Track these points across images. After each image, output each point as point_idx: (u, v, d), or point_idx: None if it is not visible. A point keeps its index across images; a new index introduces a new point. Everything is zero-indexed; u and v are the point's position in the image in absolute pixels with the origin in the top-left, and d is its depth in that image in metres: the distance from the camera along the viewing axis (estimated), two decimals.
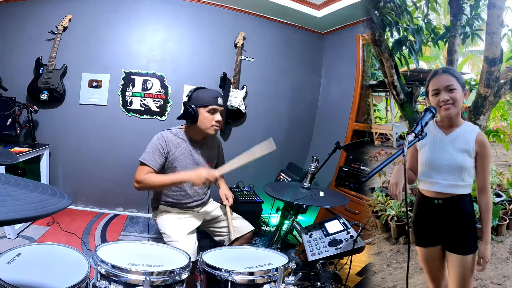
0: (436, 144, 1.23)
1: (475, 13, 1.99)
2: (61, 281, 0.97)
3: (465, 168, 1.18)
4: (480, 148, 1.18)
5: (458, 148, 1.19)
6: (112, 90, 2.97)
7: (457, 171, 1.18)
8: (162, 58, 3.07)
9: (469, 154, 1.18)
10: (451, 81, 1.17)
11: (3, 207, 0.61)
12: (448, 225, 1.22)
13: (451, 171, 1.19)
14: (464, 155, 1.18)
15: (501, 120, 2.17)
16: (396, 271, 1.83)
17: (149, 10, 3.00)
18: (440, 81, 1.19)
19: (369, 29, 2.17)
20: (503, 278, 1.56)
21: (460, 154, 1.18)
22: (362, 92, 2.70)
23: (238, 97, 3.19)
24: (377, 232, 2.14)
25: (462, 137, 1.19)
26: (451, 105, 1.17)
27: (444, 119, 1.24)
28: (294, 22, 3.41)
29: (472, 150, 1.18)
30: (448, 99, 1.16)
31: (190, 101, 1.66)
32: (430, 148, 1.24)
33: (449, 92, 1.17)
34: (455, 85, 1.17)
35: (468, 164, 1.18)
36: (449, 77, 1.18)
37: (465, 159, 1.18)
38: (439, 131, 1.25)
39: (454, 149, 1.19)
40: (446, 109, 1.17)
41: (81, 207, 3.06)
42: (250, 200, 2.75)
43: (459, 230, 1.20)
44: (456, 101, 1.17)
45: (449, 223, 1.21)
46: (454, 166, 1.18)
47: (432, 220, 1.25)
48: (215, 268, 1.16)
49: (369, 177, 1.09)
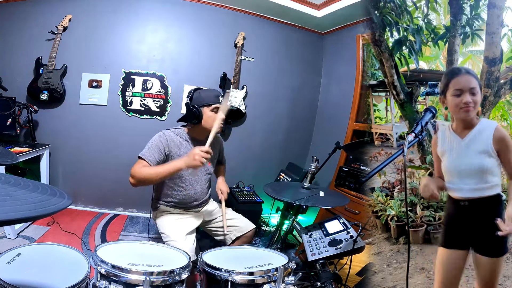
0: (453, 150, 1.21)
1: (475, 13, 1.99)
2: (61, 281, 0.97)
3: (485, 169, 1.14)
4: (499, 145, 1.13)
5: (475, 150, 1.15)
6: (112, 90, 2.97)
7: (477, 174, 1.15)
8: (162, 58, 3.07)
9: (489, 154, 1.14)
10: (474, 83, 1.14)
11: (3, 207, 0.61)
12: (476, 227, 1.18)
13: (470, 175, 1.16)
14: (482, 156, 1.14)
15: (501, 120, 2.17)
16: (396, 271, 1.83)
17: (149, 10, 3.00)
18: (464, 81, 1.14)
19: (369, 29, 2.17)
20: (503, 278, 1.56)
21: (478, 156, 1.15)
22: (362, 92, 2.70)
23: (238, 97, 3.19)
24: (377, 232, 2.14)
25: (478, 138, 1.16)
26: (472, 109, 1.14)
27: (458, 123, 1.21)
28: (294, 22, 3.41)
29: (491, 149, 1.13)
30: (470, 101, 1.13)
31: (193, 102, 1.66)
32: (448, 155, 1.22)
33: (472, 95, 1.13)
34: (477, 88, 1.14)
35: (488, 165, 1.14)
36: (472, 79, 1.14)
37: (484, 161, 1.14)
38: (455, 135, 1.22)
39: (471, 152, 1.16)
40: (466, 111, 1.14)
41: (81, 207, 3.06)
42: (250, 200, 2.76)
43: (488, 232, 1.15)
44: (477, 105, 1.14)
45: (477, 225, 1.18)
46: (473, 170, 1.15)
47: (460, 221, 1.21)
48: (215, 268, 1.16)
49: (369, 177, 1.09)
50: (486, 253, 1.16)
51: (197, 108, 1.64)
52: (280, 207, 1.98)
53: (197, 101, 1.66)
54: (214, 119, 1.65)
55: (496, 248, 1.15)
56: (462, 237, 1.23)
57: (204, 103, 1.65)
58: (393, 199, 2.08)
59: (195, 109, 1.64)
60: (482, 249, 1.17)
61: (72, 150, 2.97)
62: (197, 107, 1.64)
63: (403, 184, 2.04)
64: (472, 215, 1.18)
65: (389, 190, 2.20)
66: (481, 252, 1.18)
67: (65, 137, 2.93)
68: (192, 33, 3.13)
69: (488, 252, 1.16)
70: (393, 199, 2.07)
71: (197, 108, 1.64)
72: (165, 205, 1.79)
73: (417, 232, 1.90)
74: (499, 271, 1.17)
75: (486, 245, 1.17)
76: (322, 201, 1.74)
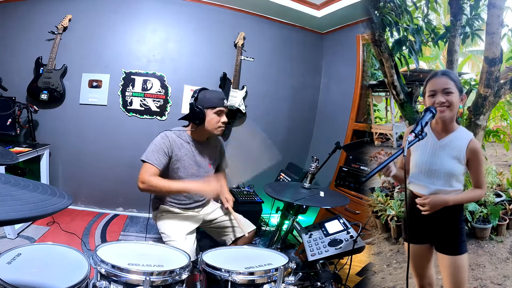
0: (427, 148, 1.24)
1: (475, 13, 1.99)
2: (61, 281, 0.97)
3: (454, 174, 1.18)
4: (471, 155, 1.17)
5: (448, 154, 1.19)
6: (112, 90, 2.97)
7: (446, 176, 1.19)
8: (162, 58, 3.07)
9: (459, 161, 1.18)
10: (448, 84, 1.16)
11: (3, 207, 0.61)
12: (436, 226, 1.23)
13: (439, 176, 1.19)
14: (453, 161, 1.18)
15: (501, 120, 2.17)
16: (396, 271, 1.83)
17: (149, 10, 3.00)
18: (437, 83, 1.18)
19: (369, 29, 2.17)
20: (503, 278, 1.56)
21: (450, 161, 1.18)
22: (362, 92, 2.70)
23: (238, 97, 3.19)
24: (377, 232, 2.14)
25: (454, 144, 1.19)
26: (446, 108, 1.16)
27: (438, 123, 1.23)
28: (294, 22, 3.41)
29: (462, 157, 1.18)
30: (444, 101, 1.16)
31: (197, 102, 1.65)
32: (421, 151, 1.25)
33: (446, 95, 1.16)
34: (453, 88, 1.16)
35: (457, 171, 1.18)
36: (447, 80, 1.17)
37: (455, 166, 1.18)
38: (432, 135, 1.24)
39: (444, 155, 1.20)
40: (441, 111, 1.17)
41: (81, 207, 3.06)
42: (250, 200, 2.76)
43: (447, 231, 1.21)
44: (452, 105, 1.16)
45: (437, 224, 1.22)
46: (443, 172, 1.19)
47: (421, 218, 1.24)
48: (215, 268, 1.16)
49: (369, 177, 1.09)
50: (445, 251, 1.21)
51: (201, 109, 1.63)
52: (280, 207, 1.98)
53: (201, 102, 1.64)
54: (216, 122, 1.66)
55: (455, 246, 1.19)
56: (422, 234, 1.27)
57: (208, 105, 1.64)
58: (393, 199, 2.08)
59: (198, 110, 1.63)
60: (442, 247, 1.22)
61: (72, 150, 2.97)
62: (201, 108, 1.63)
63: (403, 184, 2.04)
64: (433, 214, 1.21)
65: (389, 190, 2.21)
66: (441, 250, 1.22)
67: (65, 137, 2.93)
68: (192, 33, 3.13)
69: (448, 251, 1.20)
70: (393, 199, 2.07)
71: (201, 109, 1.63)
72: (166, 205, 1.79)
73: None
74: (464, 271, 1.19)
75: (445, 243, 1.21)
76: (322, 201, 1.74)
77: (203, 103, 1.64)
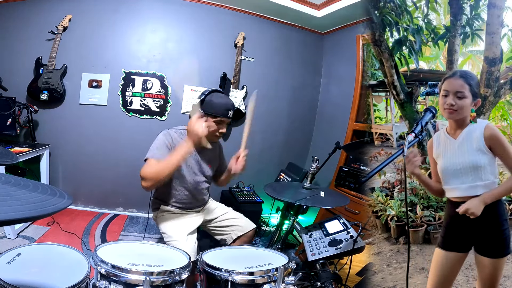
0: (448, 151, 1.22)
1: (475, 13, 1.99)
2: (61, 281, 0.97)
3: (479, 166, 1.14)
4: (491, 141, 1.13)
5: (468, 148, 1.16)
6: (112, 90, 2.97)
7: (472, 171, 1.15)
8: (162, 58, 3.07)
9: (481, 151, 1.14)
10: (463, 88, 1.14)
11: (3, 207, 0.61)
12: (477, 228, 1.17)
13: (466, 173, 1.16)
14: (476, 153, 1.15)
15: (501, 120, 2.17)
16: (396, 271, 1.83)
17: (149, 10, 3.00)
18: (452, 84, 1.16)
19: (369, 29, 2.17)
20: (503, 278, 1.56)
21: (472, 154, 1.15)
22: (362, 92, 2.70)
23: (238, 97, 3.19)
24: (377, 232, 2.14)
25: (470, 137, 1.17)
26: (455, 112, 1.15)
27: (451, 124, 1.22)
28: (294, 22, 3.41)
29: (483, 146, 1.13)
30: (453, 104, 1.14)
31: (202, 105, 1.62)
32: (443, 156, 1.23)
33: (457, 98, 1.14)
34: (466, 93, 1.14)
35: (482, 161, 1.14)
36: (462, 83, 1.14)
37: (478, 158, 1.14)
38: (449, 137, 1.23)
39: (464, 151, 1.17)
40: (449, 112, 1.15)
41: (81, 207, 3.06)
42: (250, 200, 2.76)
43: (489, 232, 1.15)
44: (461, 109, 1.14)
45: (477, 226, 1.17)
46: (468, 167, 1.15)
47: (460, 223, 1.20)
48: (215, 268, 1.16)
49: (369, 177, 1.09)
50: (487, 254, 1.16)
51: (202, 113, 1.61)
52: (280, 207, 1.97)
53: (206, 107, 1.62)
54: (213, 130, 1.64)
55: (497, 249, 1.15)
56: (462, 240, 1.22)
57: (211, 112, 1.61)
58: (393, 199, 2.08)
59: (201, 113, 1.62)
60: (484, 250, 1.17)
61: (72, 150, 2.97)
62: (202, 111, 1.61)
63: (403, 184, 2.04)
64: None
65: (389, 190, 2.20)
66: (482, 253, 1.17)
67: (65, 137, 2.93)
68: (192, 33, 3.13)
69: (489, 253, 1.15)
70: (393, 199, 2.07)
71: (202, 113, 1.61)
72: (166, 205, 1.79)
73: (417, 232, 1.90)
74: (501, 271, 1.16)
75: (487, 245, 1.16)
76: (322, 201, 1.74)
77: (207, 109, 1.61)
